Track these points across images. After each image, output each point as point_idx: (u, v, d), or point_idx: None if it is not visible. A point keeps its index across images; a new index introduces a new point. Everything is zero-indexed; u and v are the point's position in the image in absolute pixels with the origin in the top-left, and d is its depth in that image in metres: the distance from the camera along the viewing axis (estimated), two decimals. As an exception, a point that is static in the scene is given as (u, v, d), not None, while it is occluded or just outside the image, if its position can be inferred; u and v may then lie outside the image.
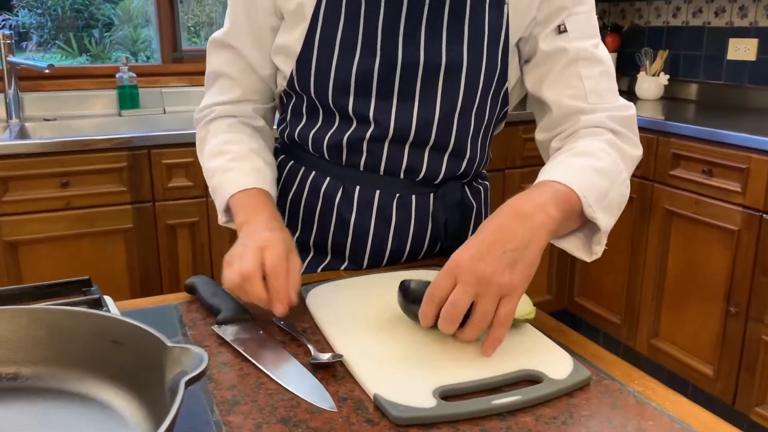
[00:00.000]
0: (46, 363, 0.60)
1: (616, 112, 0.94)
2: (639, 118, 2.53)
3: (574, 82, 0.94)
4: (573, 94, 0.94)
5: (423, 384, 0.69)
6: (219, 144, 1.04)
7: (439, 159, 1.02)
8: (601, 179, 0.84)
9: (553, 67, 0.96)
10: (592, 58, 0.94)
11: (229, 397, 0.69)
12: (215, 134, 1.06)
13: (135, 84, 2.68)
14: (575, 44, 0.94)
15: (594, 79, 0.94)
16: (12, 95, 2.46)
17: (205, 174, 1.06)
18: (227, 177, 0.99)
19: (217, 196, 1.01)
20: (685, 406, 0.68)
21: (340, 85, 0.97)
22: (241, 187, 0.97)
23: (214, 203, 1.04)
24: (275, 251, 0.83)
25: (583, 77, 0.93)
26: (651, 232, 2.52)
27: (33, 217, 2.11)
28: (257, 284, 0.81)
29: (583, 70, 0.93)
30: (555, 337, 0.82)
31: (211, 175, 1.03)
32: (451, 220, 1.06)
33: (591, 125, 0.93)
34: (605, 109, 0.93)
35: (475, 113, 1.00)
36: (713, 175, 2.25)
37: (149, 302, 0.93)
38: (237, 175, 0.99)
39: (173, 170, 2.25)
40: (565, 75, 0.94)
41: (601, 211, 0.83)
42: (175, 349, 0.53)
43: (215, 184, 1.02)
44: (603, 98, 0.94)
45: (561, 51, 0.94)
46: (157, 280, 2.31)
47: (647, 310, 2.57)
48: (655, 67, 3.03)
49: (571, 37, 0.94)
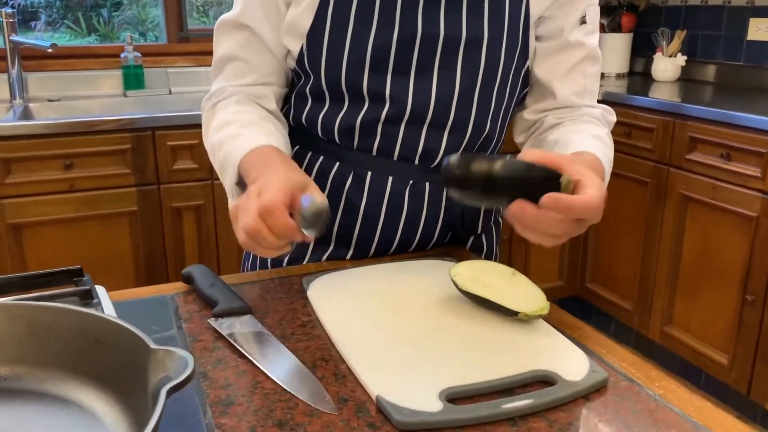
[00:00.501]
0: (26, 362, 0.57)
1: (606, 114, 1.03)
2: (654, 100, 2.47)
3: (579, 79, 0.99)
4: (577, 90, 1.00)
5: (429, 385, 0.65)
6: (226, 116, 0.95)
7: (459, 140, 0.97)
8: (608, 169, 0.92)
9: (568, 59, 0.98)
10: (596, 57, 1.00)
11: (223, 397, 0.65)
12: (222, 108, 0.97)
13: (140, 64, 2.63)
14: (590, 40, 0.98)
15: (592, 79, 1.01)
16: (15, 75, 2.42)
17: (211, 152, 0.96)
18: (235, 143, 0.89)
19: (227, 169, 0.90)
20: (710, 412, 0.64)
21: (354, 60, 0.92)
22: (254, 144, 0.88)
23: (223, 185, 0.93)
24: (271, 189, 0.74)
25: (586, 75, 1.00)
26: (666, 218, 2.46)
27: (36, 200, 2.08)
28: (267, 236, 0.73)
29: (588, 68, 0.99)
30: (570, 333, 0.78)
31: (218, 149, 0.92)
32: (468, 209, 1.02)
33: (591, 116, 1.01)
34: (598, 108, 1.02)
35: (496, 91, 0.96)
36: (731, 159, 2.19)
37: (145, 292, 0.90)
38: (246, 139, 0.89)
39: (178, 152, 2.21)
40: (576, 70, 0.99)
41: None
42: (160, 351, 0.49)
43: (222, 157, 0.91)
44: (593, 99, 1.02)
45: (580, 46, 0.98)
46: (162, 264, 2.29)
47: (661, 296, 2.52)
48: (673, 48, 2.95)
49: (588, 29, 0.98)
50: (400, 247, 1.02)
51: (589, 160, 0.86)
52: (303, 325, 0.80)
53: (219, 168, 0.93)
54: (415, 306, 0.81)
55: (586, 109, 1.00)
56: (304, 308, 0.84)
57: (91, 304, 0.76)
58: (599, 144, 0.93)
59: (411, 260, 0.96)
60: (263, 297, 0.87)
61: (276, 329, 0.79)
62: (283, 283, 0.92)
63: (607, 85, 2.86)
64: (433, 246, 1.05)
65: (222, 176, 0.93)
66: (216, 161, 0.94)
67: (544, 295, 0.78)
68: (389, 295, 0.84)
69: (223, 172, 0.92)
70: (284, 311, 0.83)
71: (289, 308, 0.84)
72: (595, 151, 0.88)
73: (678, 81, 2.96)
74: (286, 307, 0.84)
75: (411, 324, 0.77)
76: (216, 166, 0.95)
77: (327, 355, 0.73)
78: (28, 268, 2.11)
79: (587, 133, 0.95)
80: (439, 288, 0.85)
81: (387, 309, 0.81)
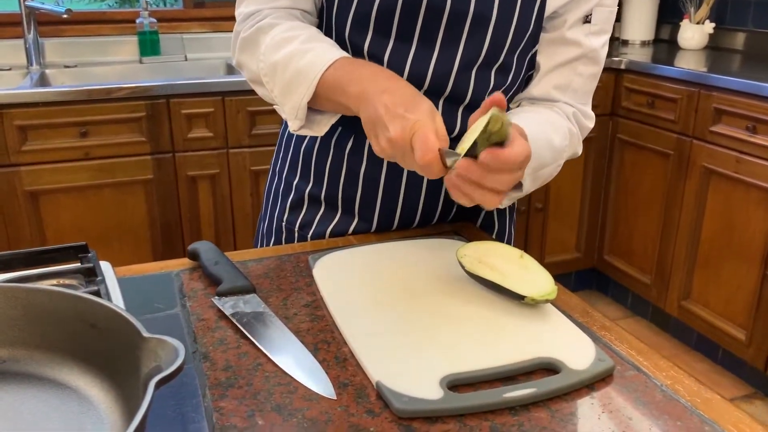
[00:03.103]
0: (25, 345, 0.56)
1: (581, 117, 0.98)
2: (679, 69, 2.40)
3: (567, 75, 0.96)
4: (560, 84, 0.97)
5: (430, 371, 0.64)
6: (281, 32, 0.87)
7: (454, 112, 0.95)
8: (548, 153, 0.89)
9: (562, 54, 0.96)
10: (594, 59, 0.97)
11: (223, 379, 0.65)
12: (271, 27, 0.88)
13: (155, 30, 2.61)
14: (590, 40, 0.95)
15: (583, 79, 0.97)
16: (32, 41, 2.42)
17: (271, 72, 0.87)
18: (308, 57, 0.82)
19: (298, 87, 0.83)
20: (718, 404, 0.62)
21: (359, 18, 0.90)
22: (335, 57, 0.82)
23: (283, 107, 0.87)
24: (426, 129, 0.70)
25: (576, 73, 0.96)
26: (687, 191, 2.41)
27: (53, 167, 2.09)
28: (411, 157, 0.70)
29: (580, 66, 0.96)
30: (577, 318, 0.76)
31: (283, 69, 0.85)
32: None
33: (562, 110, 0.97)
34: (575, 108, 0.98)
35: (497, 69, 0.94)
36: (757, 132, 2.13)
37: (150, 268, 0.89)
38: (322, 51, 0.83)
39: (193, 120, 2.20)
40: (568, 67, 0.96)
41: (530, 177, 0.87)
42: (152, 340, 0.48)
43: (291, 74, 0.84)
44: (578, 99, 0.98)
45: (575, 44, 0.95)
46: (178, 232, 2.30)
47: (679, 270, 2.48)
48: (700, 15, 2.85)
49: (592, 30, 0.95)
50: (402, 219, 1.01)
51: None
52: (307, 305, 0.79)
53: (284, 85, 0.86)
54: (421, 288, 0.80)
55: (561, 103, 0.97)
56: (309, 287, 0.83)
57: (95, 282, 0.75)
58: (544, 126, 0.89)
59: (419, 238, 0.95)
60: (268, 275, 0.87)
61: (279, 309, 0.78)
62: (289, 260, 0.91)
63: (631, 53, 2.78)
64: (440, 219, 1.03)
65: (287, 96, 0.86)
66: (279, 79, 0.86)
67: (552, 279, 0.76)
68: (395, 276, 0.83)
69: (289, 91, 0.85)
70: (289, 290, 0.83)
71: (294, 287, 0.83)
72: (527, 126, 0.80)
73: (705, 49, 2.88)
74: (291, 285, 0.84)
75: (415, 307, 0.76)
76: (278, 85, 0.87)
77: (329, 338, 0.72)
78: (46, 235, 2.13)
79: (538, 116, 0.92)
80: (446, 269, 0.84)
81: (392, 291, 0.79)
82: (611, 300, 2.96)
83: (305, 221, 1.05)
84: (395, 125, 0.71)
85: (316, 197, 1.03)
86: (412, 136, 0.70)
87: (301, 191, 1.04)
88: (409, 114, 0.71)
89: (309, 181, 1.04)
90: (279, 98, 0.88)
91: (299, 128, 0.89)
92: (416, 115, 0.71)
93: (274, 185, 1.10)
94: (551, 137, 0.90)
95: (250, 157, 2.28)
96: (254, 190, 2.32)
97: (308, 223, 1.04)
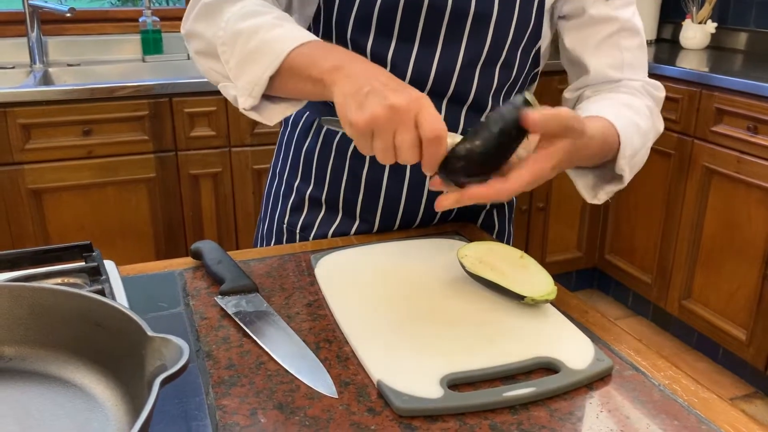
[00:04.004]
0: (30, 343, 0.57)
1: (651, 88, 0.96)
2: (681, 69, 2.40)
3: (614, 53, 0.95)
4: (612, 63, 0.95)
5: (430, 370, 0.64)
6: (251, 5, 0.82)
7: (458, 112, 0.96)
8: (638, 137, 0.87)
9: (597, 33, 0.95)
10: (633, 29, 0.96)
11: (226, 378, 0.66)
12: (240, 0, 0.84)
13: (158, 29, 2.61)
14: (620, 13, 0.95)
15: (632, 52, 0.96)
16: (35, 39, 2.42)
17: (232, 39, 0.80)
18: (279, 32, 0.77)
19: (261, 58, 0.77)
20: (715, 404, 0.63)
21: (361, 19, 0.90)
22: (310, 38, 0.77)
23: (238, 84, 0.80)
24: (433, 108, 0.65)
25: (623, 48, 0.95)
26: (688, 190, 2.42)
27: (56, 165, 2.09)
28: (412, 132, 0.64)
29: (623, 41, 0.95)
30: (577, 319, 0.77)
31: (247, 38, 0.78)
32: None
33: (631, 88, 0.95)
34: (640, 81, 0.96)
35: (500, 67, 0.94)
36: (758, 132, 2.13)
37: (154, 267, 0.90)
38: (294, 30, 0.78)
39: (195, 119, 2.20)
40: (608, 44, 0.95)
41: (628, 167, 0.85)
42: (156, 339, 0.49)
43: (256, 45, 0.77)
44: (636, 73, 0.96)
45: (609, 19, 0.94)
46: (180, 231, 2.31)
47: (680, 270, 2.49)
48: (703, 14, 2.85)
49: (617, 4, 0.94)
50: (404, 221, 1.02)
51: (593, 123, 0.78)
52: (309, 304, 0.80)
53: (245, 55, 0.79)
54: (422, 288, 0.81)
55: (625, 81, 0.96)
56: (312, 287, 0.84)
57: (99, 281, 0.76)
58: (625, 111, 0.87)
59: (420, 238, 0.96)
60: (271, 274, 0.87)
61: (282, 308, 0.79)
62: (291, 259, 0.92)
63: (633, 52, 2.78)
64: (440, 220, 1.04)
65: (245, 67, 0.79)
66: (240, 49, 0.79)
67: (552, 280, 0.77)
68: (396, 275, 0.83)
69: (250, 61, 0.78)
70: (291, 289, 0.83)
71: (296, 286, 0.84)
72: (607, 115, 0.82)
73: (707, 49, 2.88)
74: (293, 285, 0.84)
75: (416, 306, 0.77)
76: (237, 55, 0.80)
77: (331, 336, 0.73)
78: (49, 232, 2.14)
79: (613, 101, 0.91)
80: (447, 269, 0.84)
81: (393, 290, 0.80)
82: (612, 299, 2.97)
83: (306, 223, 1.05)
84: (399, 95, 0.65)
85: (317, 199, 1.04)
86: (417, 112, 0.65)
87: (302, 193, 1.05)
88: (411, 91, 0.67)
89: (310, 183, 1.04)
90: (234, 70, 0.80)
91: (251, 107, 0.81)
92: (419, 94, 0.67)
93: (274, 187, 1.10)
94: (637, 121, 0.88)
95: (252, 156, 2.29)
96: (256, 188, 2.33)
97: (309, 225, 1.05)
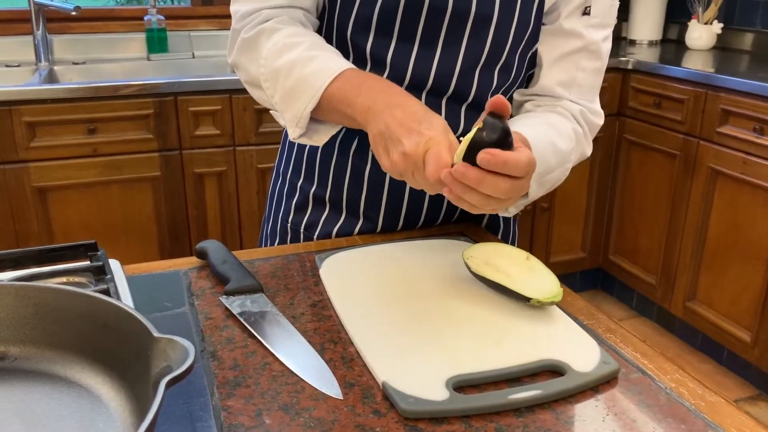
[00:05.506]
0: (35, 343, 0.57)
1: (589, 114, 0.97)
2: (687, 69, 2.40)
3: (569, 69, 0.95)
4: (564, 80, 0.95)
5: (436, 372, 0.64)
6: (284, 38, 0.86)
7: (457, 111, 0.96)
8: (553, 157, 0.88)
9: (560, 46, 0.95)
10: (596, 53, 0.95)
11: (230, 378, 0.66)
12: (274, 31, 0.87)
13: (163, 27, 2.62)
14: (590, 33, 0.94)
15: (587, 74, 0.95)
16: (40, 37, 2.43)
17: (273, 77, 0.86)
18: (313, 65, 0.82)
19: (302, 94, 0.82)
20: (722, 408, 0.62)
21: (361, 19, 0.90)
22: (342, 67, 0.81)
23: (283, 114, 0.86)
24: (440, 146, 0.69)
25: (579, 68, 0.95)
26: (693, 192, 2.41)
27: (61, 164, 2.10)
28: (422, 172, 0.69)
29: (583, 61, 0.94)
30: (583, 321, 0.77)
31: (286, 76, 0.84)
32: None
33: (567, 109, 0.95)
34: (581, 105, 0.96)
35: (499, 68, 0.94)
36: (764, 133, 2.12)
37: (159, 267, 0.90)
38: (327, 61, 0.82)
39: (200, 118, 2.20)
40: (567, 59, 0.95)
41: (537, 183, 0.85)
42: (162, 340, 0.49)
43: (295, 82, 0.83)
44: (584, 95, 0.96)
45: (576, 36, 0.93)
46: (184, 229, 2.31)
47: (685, 271, 2.48)
48: (708, 15, 2.84)
49: (591, 23, 0.93)
50: (407, 220, 1.01)
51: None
52: (314, 304, 0.80)
53: (286, 93, 0.85)
54: (427, 289, 0.81)
55: (566, 102, 0.95)
56: (316, 287, 0.84)
57: (104, 280, 0.76)
58: (545, 129, 0.87)
59: (425, 239, 0.95)
60: (275, 274, 0.87)
61: (286, 308, 0.79)
62: (296, 259, 0.91)
63: (639, 53, 2.78)
64: (444, 220, 1.03)
65: (288, 103, 0.85)
66: (281, 86, 0.85)
67: (558, 281, 0.76)
68: (401, 276, 0.83)
69: (292, 99, 0.84)
70: (296, 290, 0.83)
71: (301, 286, 0.84)
72: (526, 133, 0.79)
73: (713, 50, 2.87)
74: (298, 285, 0.84)
75: (421, 308, 0.76)
76: (279, 92, 0.86)
77: (336, 337, 0.73)
78: (53, 230, 2.14)
79: (538, 120, 0.90)
80: (452, 270, 0.84)
81: (398, 291, 0.80)
82: (616, 300, 2.96)
83: (310, 222, 1.05)
84: (410, 140, 0.70)
85: (320, 198, 1.04)
86: (425, 152, 0.69)
87: (306, 192, 1.05)
88: (425, 129, 0.70)
89: (313, 182, 1.04)
90: (280, 105, 0.87)
91: (299, 137, 0.87)
92: (431, 132, 0.70)
93: (278, 186, 1.11)
94: (555, 141, 0.89)
95: (256, 155, 2.29)
96: (261, 187, 2.33)
97: (313, 224, 1.05)
